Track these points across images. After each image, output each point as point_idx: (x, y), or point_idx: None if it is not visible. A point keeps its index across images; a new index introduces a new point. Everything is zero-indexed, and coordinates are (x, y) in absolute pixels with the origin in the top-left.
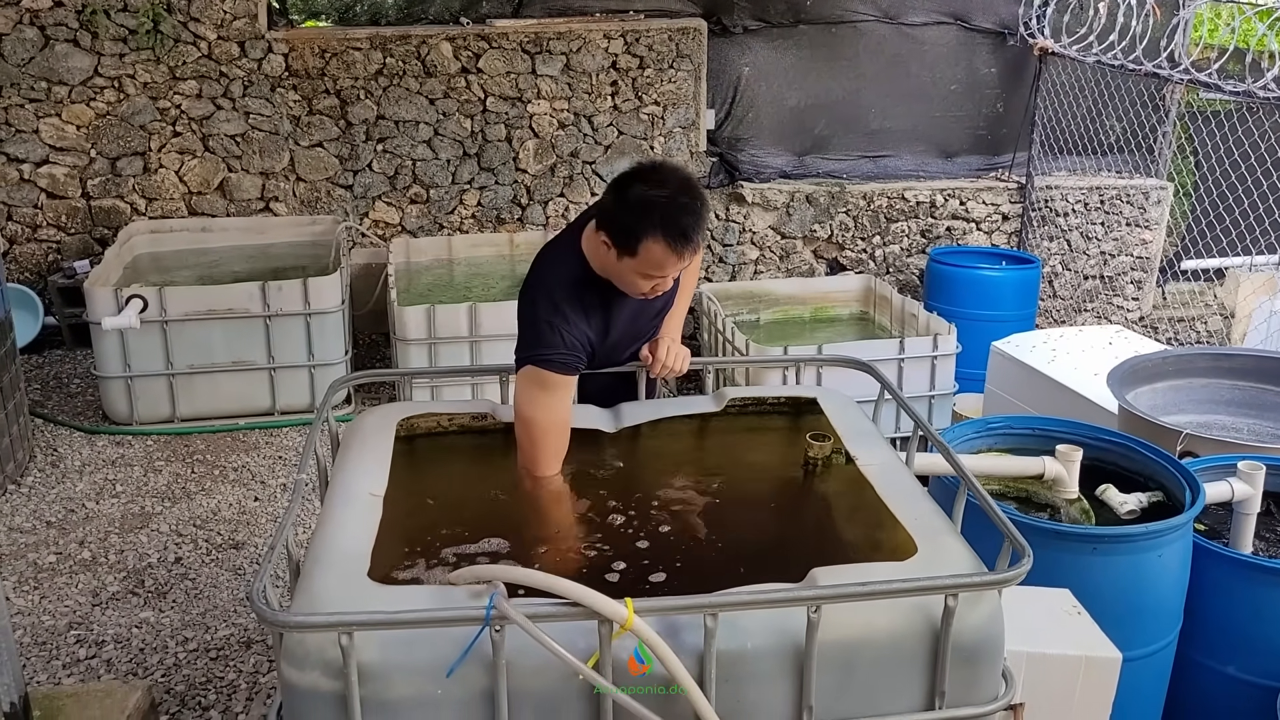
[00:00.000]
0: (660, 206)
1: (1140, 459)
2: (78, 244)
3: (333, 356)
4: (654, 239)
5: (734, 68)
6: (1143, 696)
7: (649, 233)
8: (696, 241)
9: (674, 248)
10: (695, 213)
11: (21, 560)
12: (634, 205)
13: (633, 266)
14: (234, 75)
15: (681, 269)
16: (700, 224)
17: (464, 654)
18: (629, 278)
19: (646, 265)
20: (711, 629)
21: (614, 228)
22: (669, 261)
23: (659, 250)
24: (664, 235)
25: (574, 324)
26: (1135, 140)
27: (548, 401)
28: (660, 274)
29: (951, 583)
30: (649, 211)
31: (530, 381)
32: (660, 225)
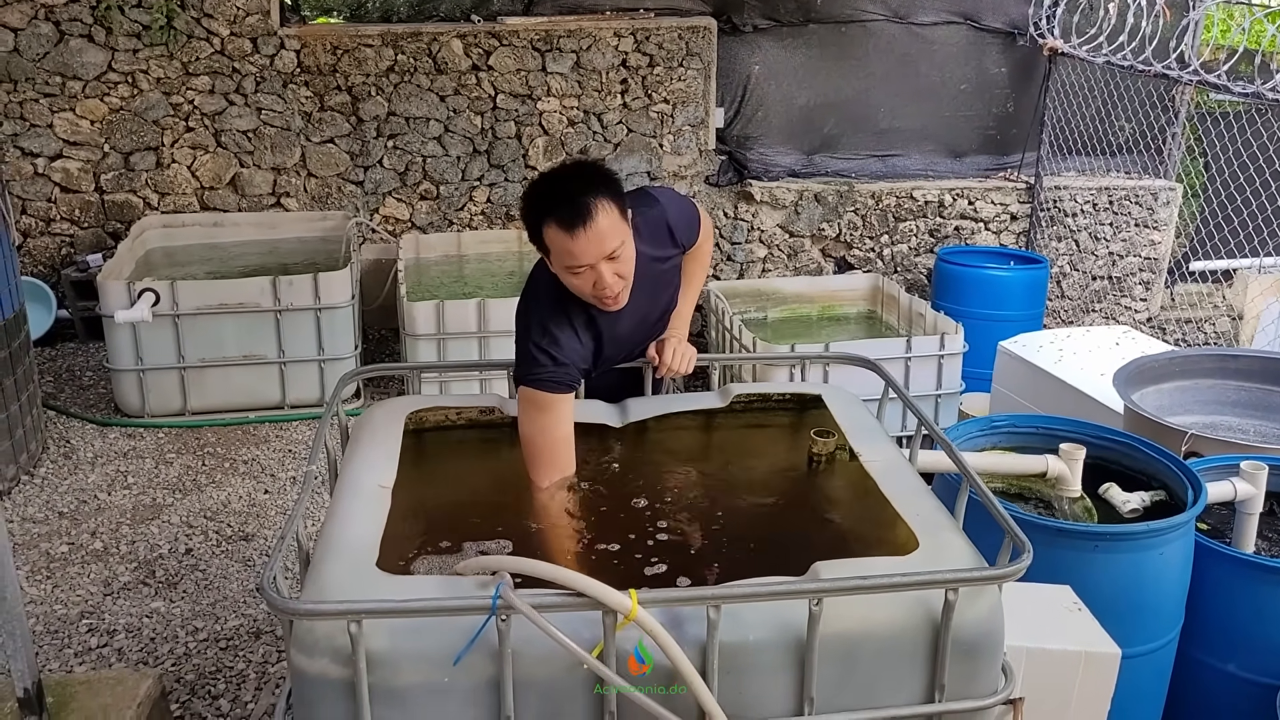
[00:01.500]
0: (541, 194)
1: (1143, 458)
2: (90, 238)
3: (342, 351)
4: (547, 225)
5: (743, 66)
6: (1143, 694)
7: (543, 220)
8: (588, 216)
9: (565, 227)
10: (579, 186)
11: (34, 550)
12: (530, 201)
13: (558, 265)
14: (246, 71)
15: (601, 255)
16: (587, 199)
17: (470, 643)
18: (569, 281)
19: (560, 257)
20: (714, 620)
21: (529, 233)
22: (570, 245)
23: (554, 233)
24: (551, 217)
25: (563, 343)
26: (1144, 141)
27: (543, 422)
28: (575, 262)
29: (952, 577)
30: (534, 201)
31: (527, 402)
32: (544, 209)
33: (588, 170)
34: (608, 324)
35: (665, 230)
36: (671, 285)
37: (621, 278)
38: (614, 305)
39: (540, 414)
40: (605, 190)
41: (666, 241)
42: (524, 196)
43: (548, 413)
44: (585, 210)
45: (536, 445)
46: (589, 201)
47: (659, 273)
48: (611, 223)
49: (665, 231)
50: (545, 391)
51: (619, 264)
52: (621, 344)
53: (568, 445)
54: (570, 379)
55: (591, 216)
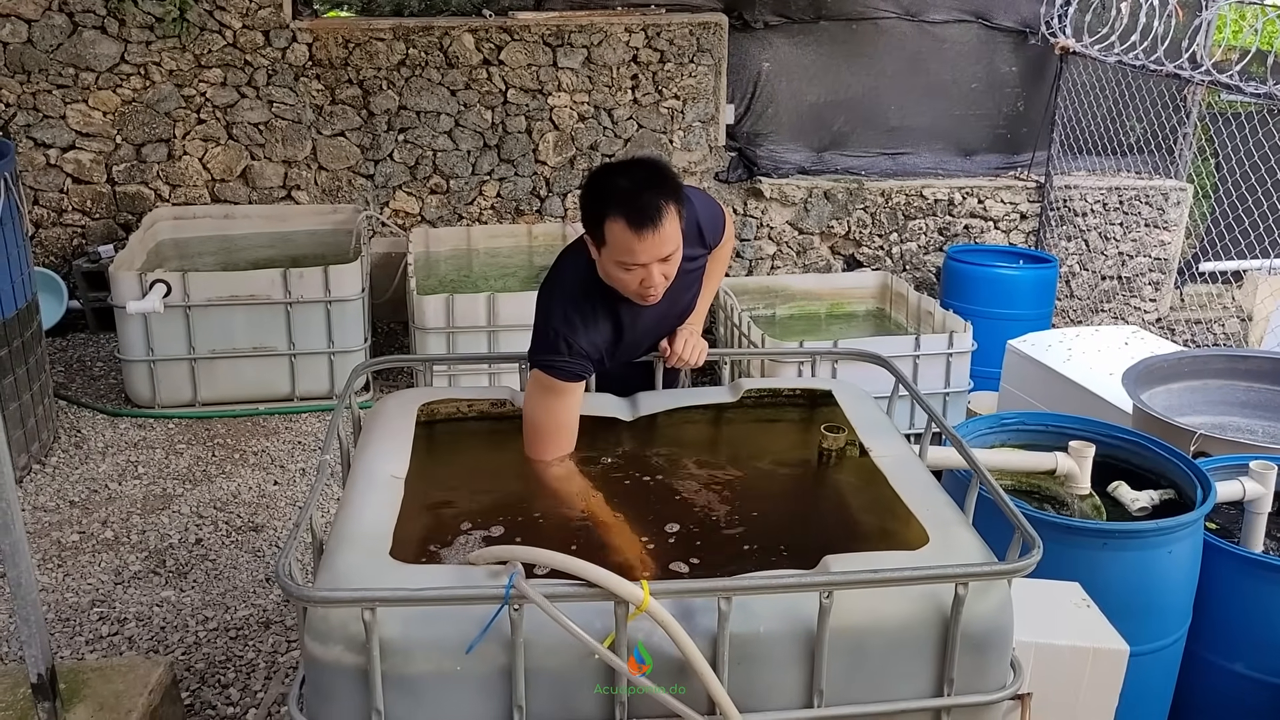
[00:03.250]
0: (618, 189)
1: (1152, 457)
2: (102, 229)
3: (352, 344)
4: (613, 219)
5: (754, 63)
6: (1150, 692)
7: (609, 215)
8: (657, 220)
9: (633, 226)
10: (651, 189)
11: (46, 539)
12: (596, 192)
13: (609, 258)
14: (258, 64)
15: (659, 256)
16: (658, 202)
17: (483, 631)
18: (614, 274)
19: (616, 252)
20: (725, 612)
21: (585, 221)
22: (634, 244)
23: (620, 230)
24: (621, 213)
25: (583, 333)
26: (1155, 141)
27: (551, 405)
28: (632, 260)
29: (962, 572)
30: (607, 194)
31: (537, 384)
32: (615, 204)
33: (661, 173)
34: (629, 318)
35: (696, 231)
36: (695, 286)
37: (667, 279)
38: (652, 300)
39: (549, 398)
40: (674, 197)
41: (696, 242)
42: (591, 184)
43: (557, 398)
44: (656, 215)
45: (540, 427)
46: (661, 206)
47: (685, 272)
48: (674, 229)
49: (696, 232)
50: (557, 379)
51: (668, 265)
52: (639, 339)
53: (570, 432)
54: (583, 369)
55: (660, 223)
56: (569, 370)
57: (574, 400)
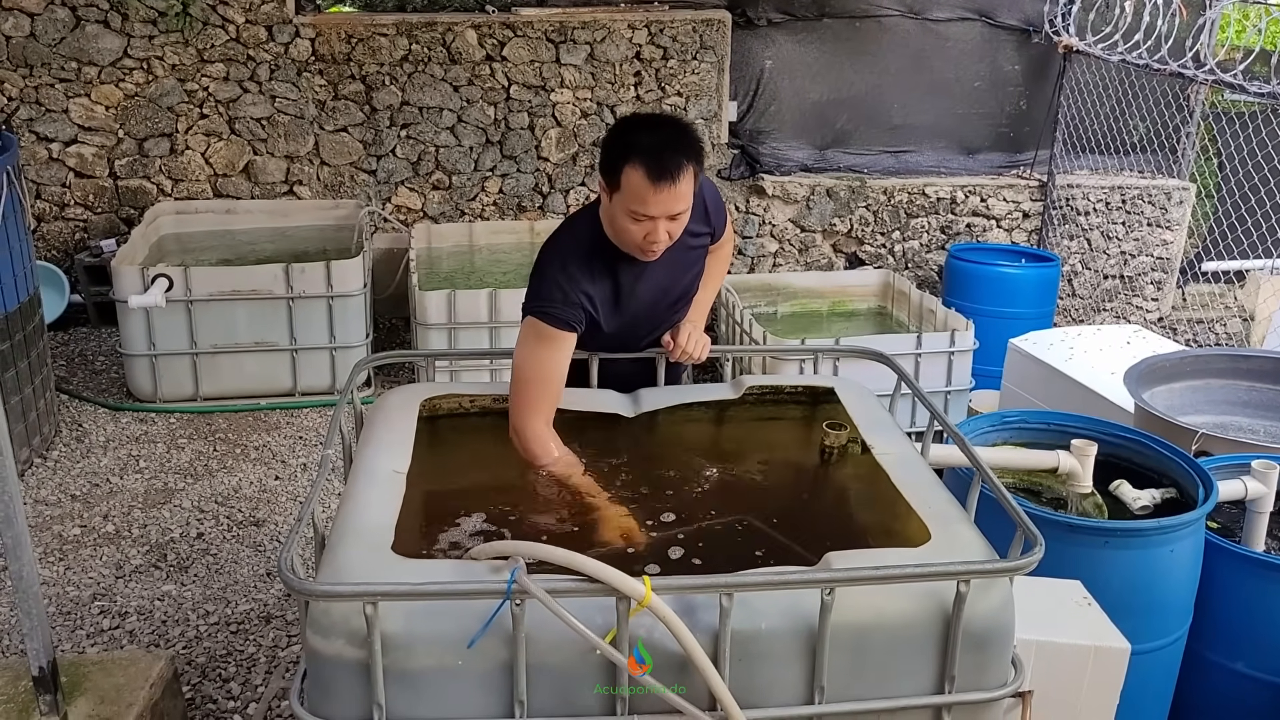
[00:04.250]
0: (641, 139)
1: (1154, 456)
2: (104, 223)
3: (354, 339)
4: (632, 167)
5: (757, 60)
6: (1151, 690)
7: (628, 161)
8: (675, 175)
9: (651, 176)
10: (674, 146)
11: (47, 532)
12: (620, 138)
13: (620, 205)
14: (261, 59)
15: (669, 213)
16: (679, 159)
17: (485, 626)
18: (622, 224)
19: (629, 200)
20: (727, 608)
21: (604, 165)
22: (649, 194)
23: (638, 179)
24: (641, 163)
25: (578, 282)
26: (1158, 140)
27: (539, 352)
28: (643, 210)
29: (964, 569)
30: (629, 142)
31: (527, 331)
32: (637, 153)
33: (686, 132)
34: (628, 281)
35: (703, 209)
36: (695, 268)
37: (670, 238)
38: (652, 257)
39: (539, 345)
40: (694, 157)
41: (701, 219)
42: (616, 130)
43: (546, 345)
44: (675, 170)
45: (526, 374)
46: (680, 162)
47: (688, 247)
48: (688, 188)
49: (702, 210)
50: (549, 325)
51: (675, 225)
52: (635, 311)
53: (557, 385)
54: (576, 319)
55: (677, 178)
56: (560, 317)
57: (562, 352)
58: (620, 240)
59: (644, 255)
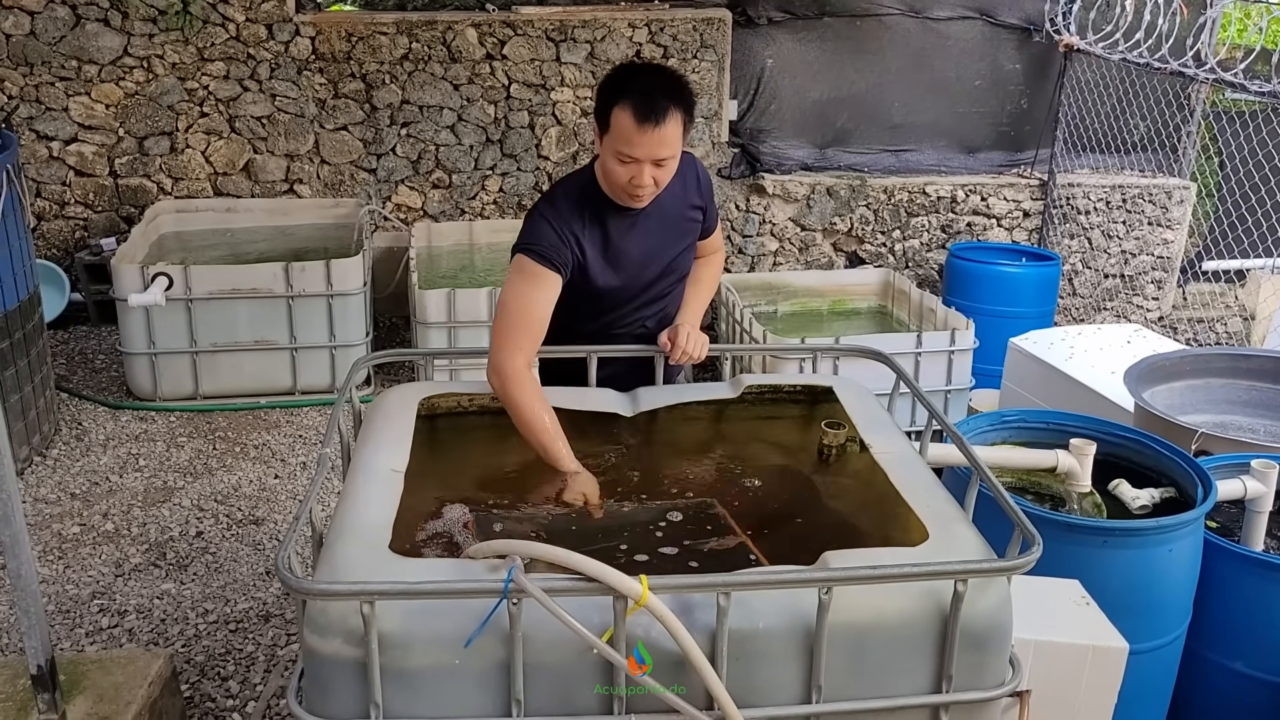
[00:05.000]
0: (632, 83)
1: (1154, 455)
2: (104, 222)
3: (354, 338)
4: (621, 107)
5: (757, 59)
6: (1150, 690)
7: (617, 101)
8: (662, 118)
9: (638, 118)
10: (664, 91)
11: (46, 531)
12: (614, 80)
13: (609, 147)
14: (261, 58)
15: (654, 158)
16: (667, 104)
17: (482, 625)
18: (610, 166)
19: (617, 141)
20: (724, 607)
21: (596, 108)
22: (634, 136)
23: (627, 120)
24: (630, 103)
25: (568, 222)
26: (1159, 139)
27: (522, 288)
28: (629, 152)
29: (961, 568)
30: (620, 84)
31: (514, 269)
32: (627, 94)
33: (677, 80)
34: (617, 232)
35: (694, 175)
36: (686, 240)
37: (656, 185)
38: (638, 203)
39: (525, 282)
40: (683, 105)
41: (693, 188)
42: (610, 75)
43: (532, 283)
44: (662, 112)
45: (510, 311)
46: (667, 106)
47: (680, 216)
48: (675, 135)
49: (694, 176)
50: (536, 262)
51: (661, 172)
52: (626, 268)
53: (540, 324)
54: (563, 260)
55: (664, 121)
56: (548, 256)
57: (547, 291)
58: (610, 184)
59: (631, 201)
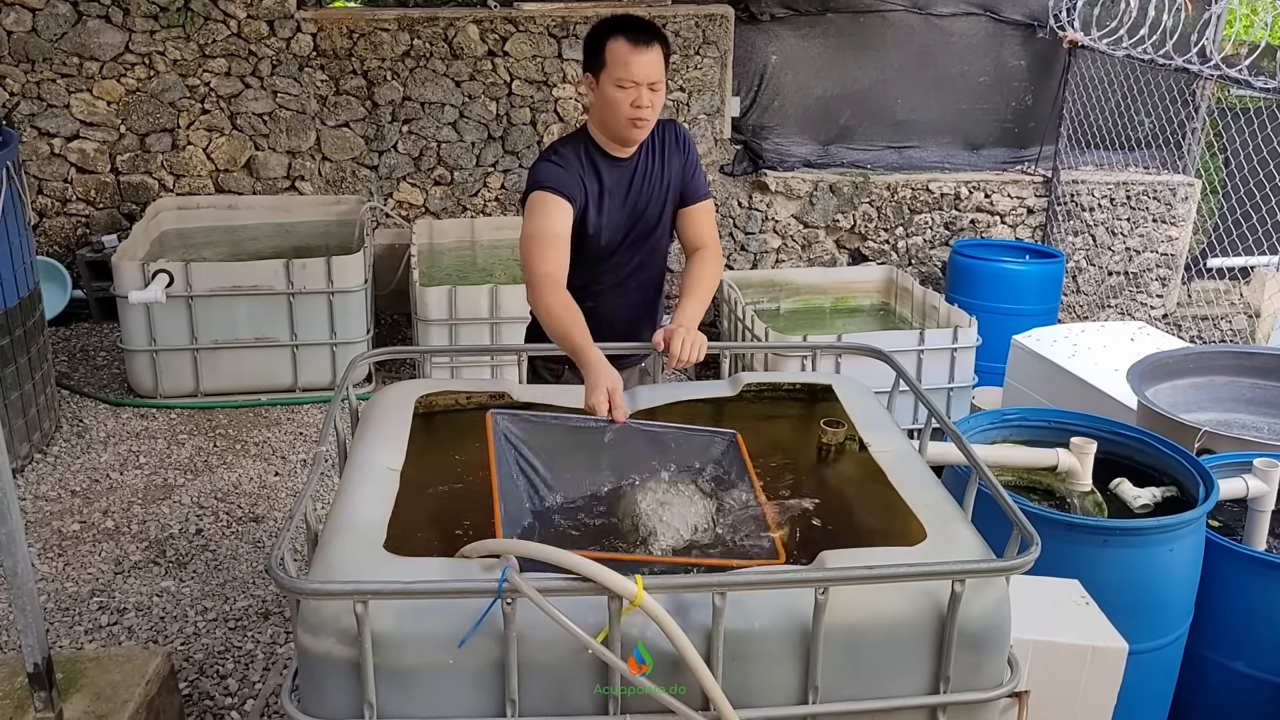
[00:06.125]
0: (615, 19)
1: (1155, 454)
2: (106, 219)
3: (355, 335)
4: (614, 39)
5: (760, 55)
6: (1151, 690)
7: (608, 36)
8: (650, 40)
9: (631, 40)
10: (645, 23)
11: (46, 528)
12: (601, 24)
13: (608, 79)
14: (263, 54)
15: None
16: (652, 29)
17: (476, 625)
18: (611, 98)
19: (616, 69)
20: (720, 608)
21: (586, 60)
22: (630, 58)
23: (622, 47)
24: (620, 31)
25: (571, 164)
26: (1164, 136)
27: (541, 217)
28: (628, 76)
29: (959, 568)
30: (606, 25)
31: (530, 208)
32: (615, 26)
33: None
34: (610, 181)
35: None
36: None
37: (653, 109)
38: (639, 132)
39: (542, 212)
40: (663, 40)
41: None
42: (596, 24)
43: (548, 209)
44: (651, 36)
45: (531, 235)
46: (654, 32)
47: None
48: (661, 60)
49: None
50: (549, 193)
51: (655, 96)
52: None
53: (561, 239)
54: (573, 191)
55: (653, 43)
56: (558, 188)
57: (562, 215)
58: (611, 118)
59: (633, 130)
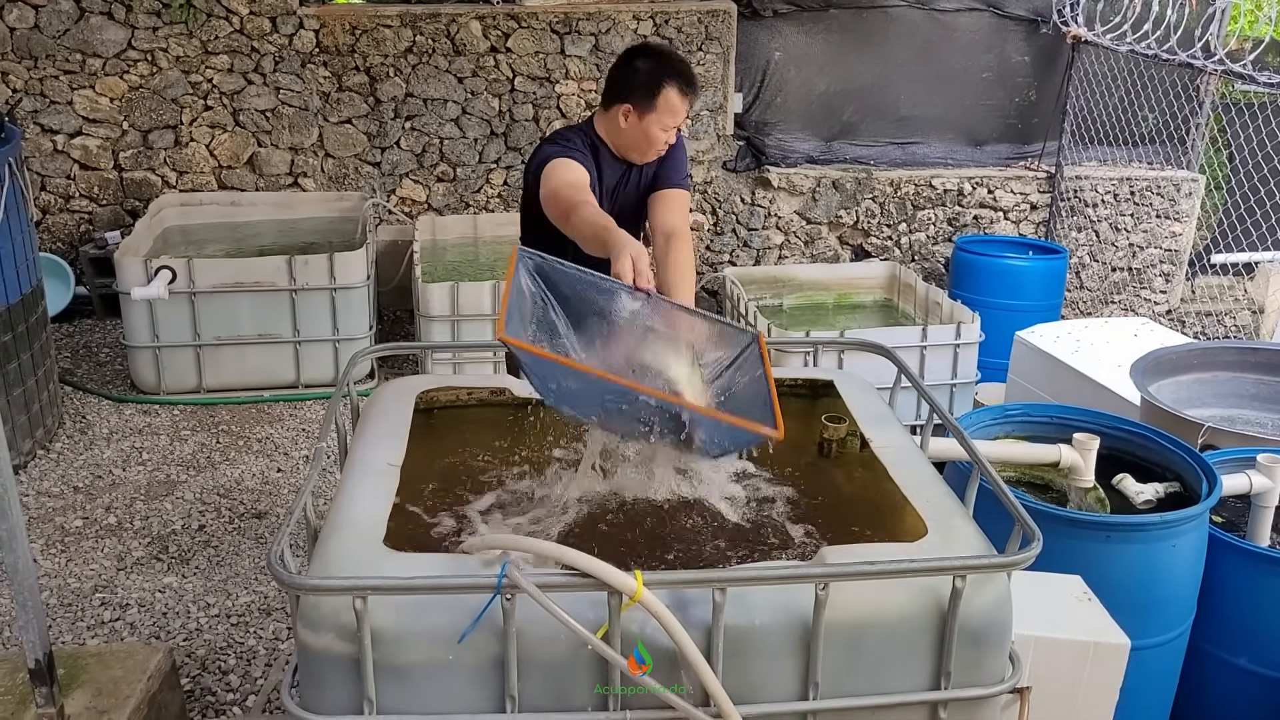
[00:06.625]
0: (668, 62)
1: (1158, 449)
2: (109, 215)
3: (357, 331)
4: (669, 87)
5: (763, 51)
6: (1153, 686)
7: (665, 81)
8: (697, 88)
9: (683, 92)
10: (689, 67)
11: (49, 524)
12: (648, 68)
13: (653, 120)
14: (265, 50)
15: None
16: (694, 76)
17: (475, 621)
18: (651, 133)
19: (665, 116)
20: (720, 603)
21: (631, 92)
22: (681, 107)
23: (675, 98)
24: (677, 82)
25: (575, 145)
26: (1167, 131)
27: (559, 174)
28: (674, 121)
29: (960, 564)
30: (661, 67)
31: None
32: (672, 75)
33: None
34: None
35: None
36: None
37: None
38: (653, 158)
39: (564, 170)
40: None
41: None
42: (649, 56)
43: (570, 167)
44: (697, 86)
45: (557, 189)
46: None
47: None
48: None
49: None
50: (558, 156)
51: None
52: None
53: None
54: (585, 159)
55: (699, 95)
56: (569, 153)
57: (578, 168)
58: (638, 148)
59: (651, 157)
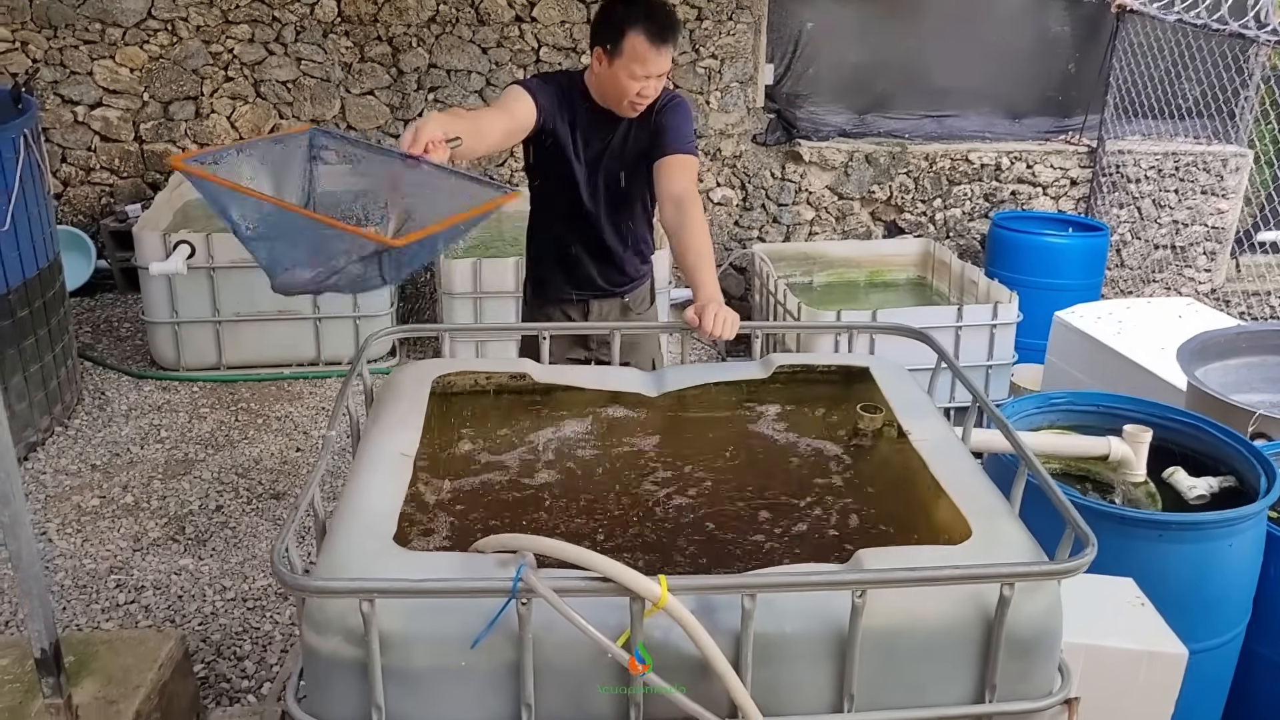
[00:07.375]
0: (638, 6)
1: (1210, 441)
2: (130, 187)
3: (378, 309)
4: (634, 32)
5: (795, 21)
6: (1205, 690)
7: (630, 26)
8: (669, 38)
9: (650, 38)
10: (668, 12)
11: (66, 503)
12: (616, 10)
13: (620, 66)
14: (286, 20)
15: (660, 73)
16: (674, 25)
17: (489, 626)
18: (620, 80)
19: (631, 60)
20: (749, 610)
21: (602, 34)
22: (649, 55)
23: (640, 45)
24: (643, 27)
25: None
26: (1215, 105)
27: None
28: (643, 70)
29: (1009, 571)
30: (629, 10)
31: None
32: (639, 19)
33: (671, 9)
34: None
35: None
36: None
37: (653, 94)
38: (635, 113)
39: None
40: (678, 28)
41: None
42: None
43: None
44: (672, 34)
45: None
46: (675, 29)
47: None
48: (671, 55)
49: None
50: (515, 85)
51: (658, 84)
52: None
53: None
54: (542, 92)
55: (672, 42)
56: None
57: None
58: (613, 97)
59: (630, 111)
